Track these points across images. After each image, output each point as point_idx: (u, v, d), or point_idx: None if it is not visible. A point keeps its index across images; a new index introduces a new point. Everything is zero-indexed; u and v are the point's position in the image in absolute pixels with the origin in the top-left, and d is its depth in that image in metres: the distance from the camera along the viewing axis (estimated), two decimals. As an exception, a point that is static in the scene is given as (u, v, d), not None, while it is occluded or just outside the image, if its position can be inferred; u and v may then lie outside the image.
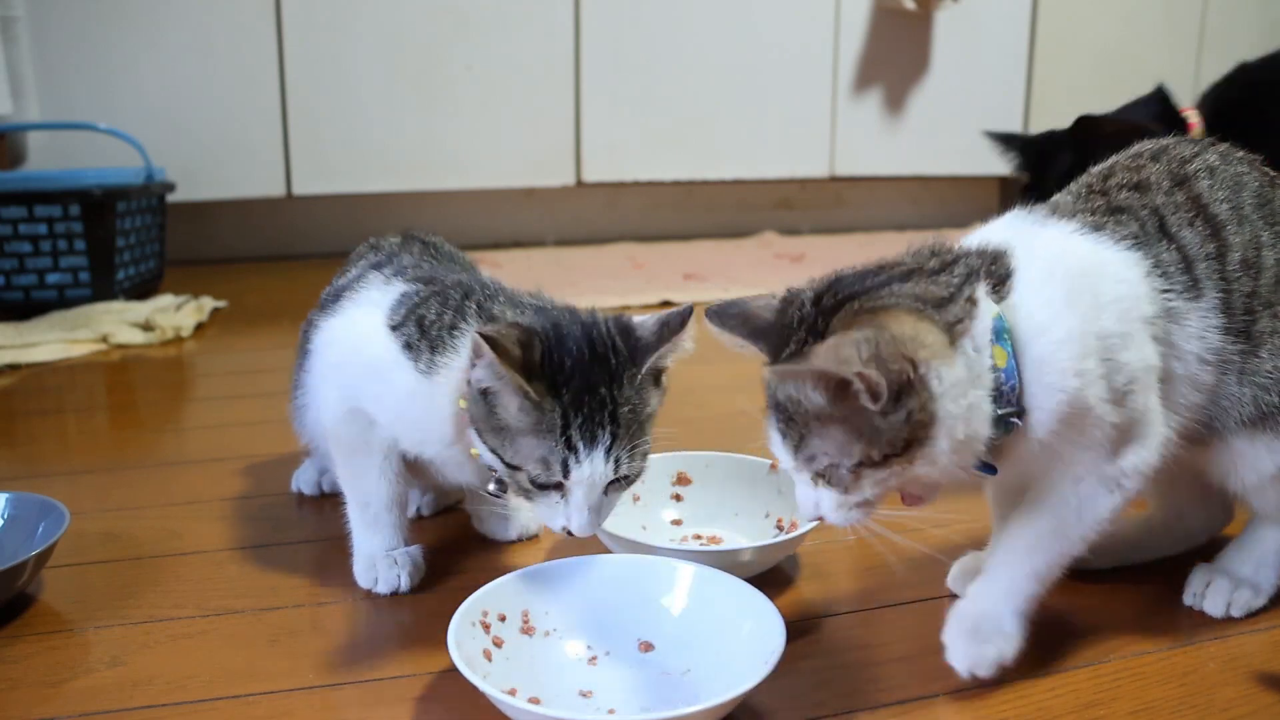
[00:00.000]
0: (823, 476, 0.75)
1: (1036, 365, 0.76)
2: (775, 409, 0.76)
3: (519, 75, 2.97)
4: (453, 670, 0.74)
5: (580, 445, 0.83)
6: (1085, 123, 1.47)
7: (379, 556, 0.99)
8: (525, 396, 0.82)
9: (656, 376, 0.90)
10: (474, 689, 0.73)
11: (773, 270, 2.75)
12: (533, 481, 0.85)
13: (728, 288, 2.49)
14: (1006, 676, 0.83)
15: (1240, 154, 0.90)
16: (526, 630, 0.85)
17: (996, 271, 0.78)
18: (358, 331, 0.97)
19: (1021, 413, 0.76)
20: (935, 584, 0.99)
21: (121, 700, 0.80)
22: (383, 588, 0.97)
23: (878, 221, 3.49)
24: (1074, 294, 0.77)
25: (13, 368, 1.83)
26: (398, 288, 0.99)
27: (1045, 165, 1.50)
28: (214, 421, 1.57)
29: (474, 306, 0.93)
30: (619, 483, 0.86)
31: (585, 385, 0.83)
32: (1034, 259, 0.79)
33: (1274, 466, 0.86)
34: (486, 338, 0.81)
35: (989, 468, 0.79)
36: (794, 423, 0.74)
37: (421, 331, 0.93)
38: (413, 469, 1.01)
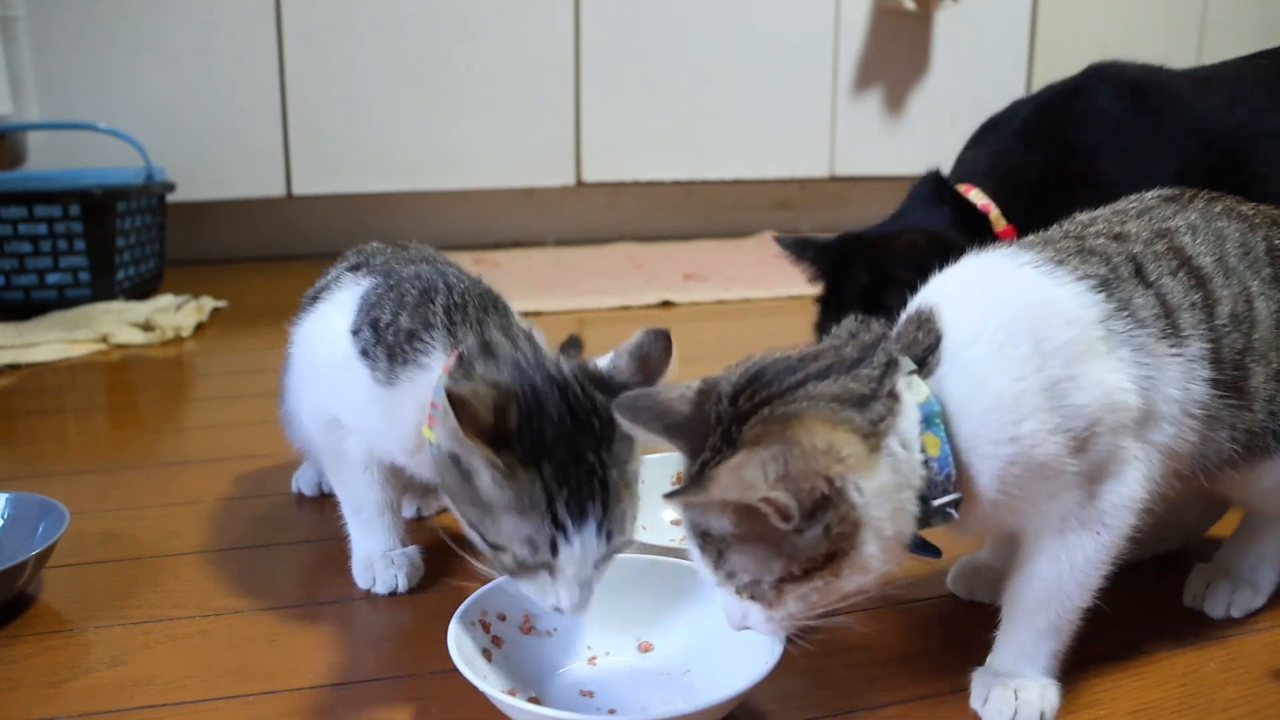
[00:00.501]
0: (745, 592, 0.70)
1: (970, 441, 0.71)
2: (687, 526, 0.71)
3: (519, 75, 2.97)
4: (453, 670, 0.74)
5: (569, 521, 0.75)
6: (883, 240, 1.37)
7: (376, 557, 0.99)
8: (495, 468, 0.75)
9: None
10: (474, 689, 0.73)
11: (772, 270, 2.74)
12: (519, 563, 0.77)
13: (728, 288, 2.49)
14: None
15: (1219, 206, 0.87)
16: (527, 630, 0.85)
17: (923, 342, 0.74)
18: (324, 338, 0.95)
19: (958, 502, 0.72)
20: (935, 584, 0.99)
21: (121, 700, 0.80)
22: (380, 588, 0.97)
23: (878, 221, 3.48)
24: (1008, 346, 0.72)
25: (13, 368, 1.83)
26: (363, 285, 0.96)
27: (842, 275, 1.40)
28: (214, 421, 1.57)
29: (440, 313, 0.88)
30: (609, 555, 0.79)
31: (570, 454, 0.76)
32: (965, 315, 0.74)
33: (1274, 482, 0.85)
34: (454, 400, 0.72)
35: (930, 549, 0.76)
36: (710, 539, 0.70)
37: (377, 335, 0.89)
38: (400, 472, 1.00)
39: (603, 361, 0.83)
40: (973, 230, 1.35)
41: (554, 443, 0.76)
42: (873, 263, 1.34)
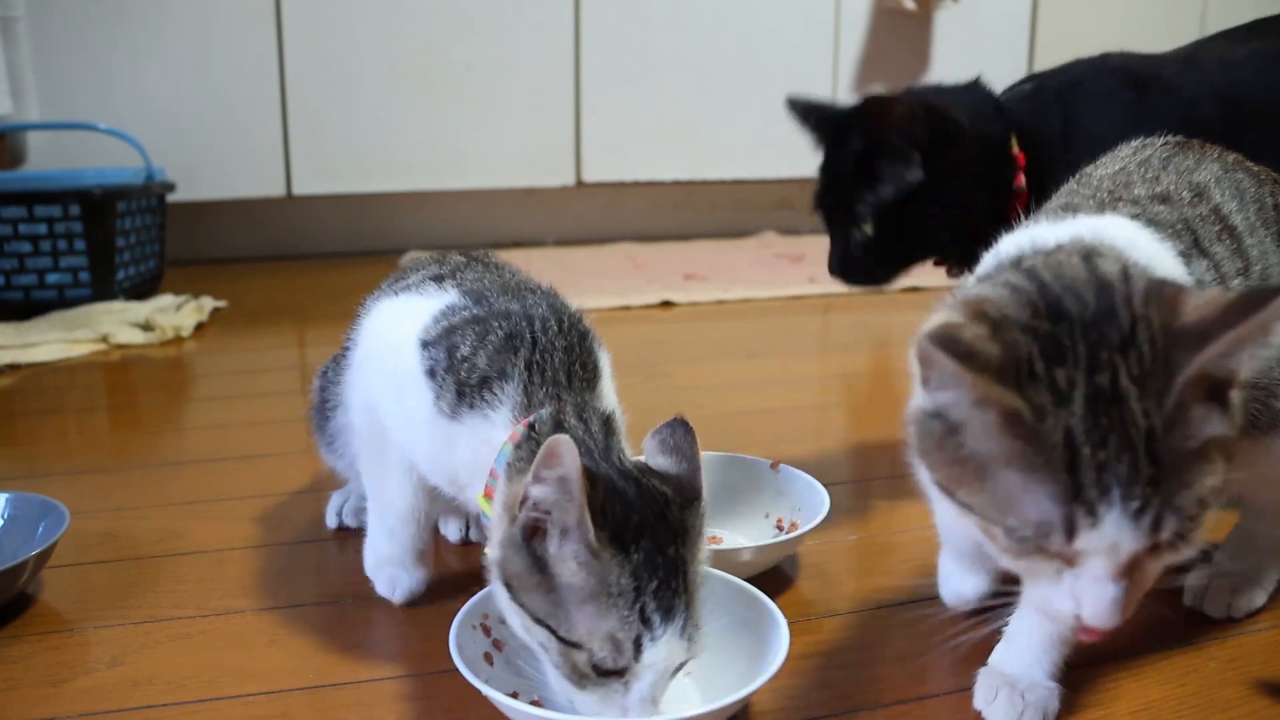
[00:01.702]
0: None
1: None
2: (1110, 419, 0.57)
3: (519, 75, 2.97)
4: (452, 670, 0.74)
5: (656, 618, 0.67)
6: (881, 106, 1.29)
7: (384, 561, 0.95)
8: (585, 542, 0.67)
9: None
10: (473, 690, 0.73)
11: (773, 270, 2.75)
12: (595, 666, 0.68)
13: (728, 288, 2.49)
14: (1006, 676, 0.83)
15: (1231, 158, 0.86)
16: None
17: None
18: (395, 336, 0.88)
19: None
20: (935, 584, 0.99)
21: (121, 700, 0.80)
22: (380, 589, 0.95)
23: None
24: None
25: (13, 368, 1.83)
26: (448, 296, 0.89)
27: (841, 141, 1.35)
28: (214, 421, 1.57)
29: (520, 367, 0.81)
30: (684, 665, 0.71)
31: (655, 544, 0.69)
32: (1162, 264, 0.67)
33: (1269, 465, 0.84)
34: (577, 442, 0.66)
35: None
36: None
37: (450, 364, 0.82)
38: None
39: (646, 461, 0.77)
40: (991, 142, 1.31)
41: (639, 529, 0.69)
42: (869, 129, 1.30)
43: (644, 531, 0.69)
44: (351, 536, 1.09)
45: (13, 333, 1.98)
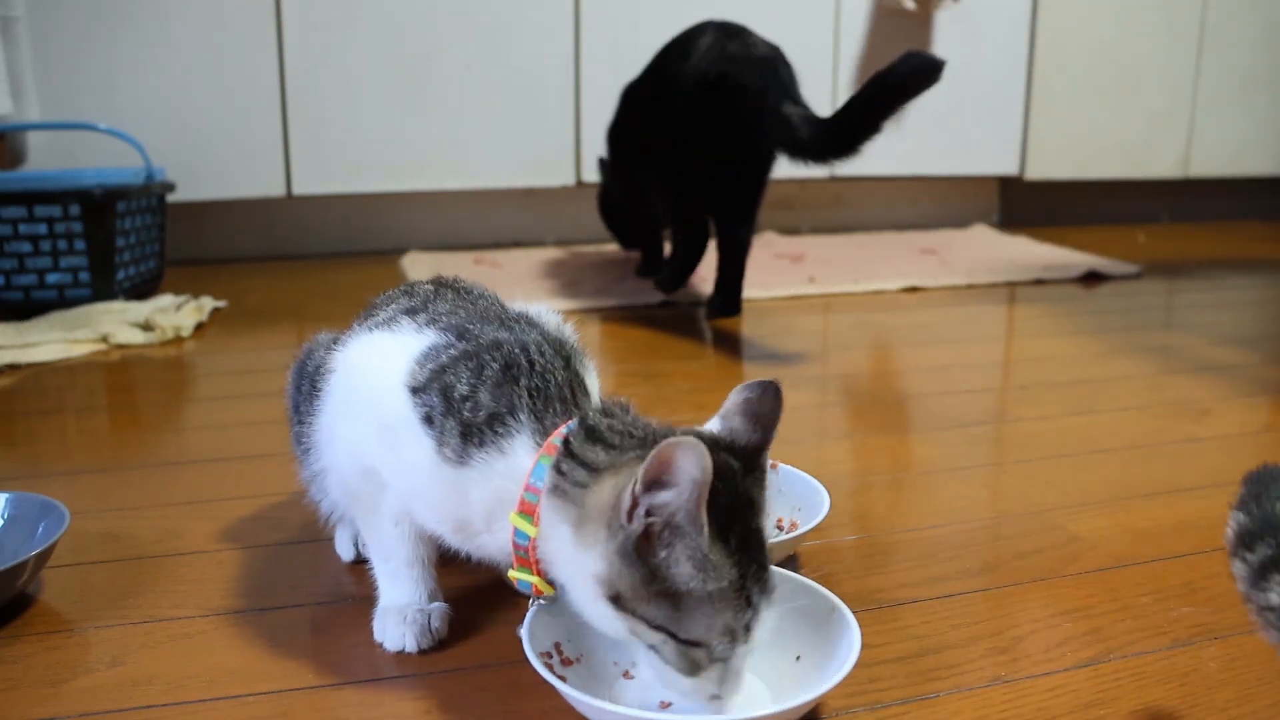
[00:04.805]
0: None
1: None
2: None
3: (519, 75, 2.97)
4: (454, 670, 0.74)
5: (759, 601, 0.69)
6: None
7: (391, 611, 0.90)
8: (699, 545, 0.66)
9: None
10: (473, 690, 0.72)
11: (773, 270, 2.74)
12: (712, 658, 0.69)
13: (728, 288, 2.48)
14: (1006, 676, 0.83)
15: None
16: (565, 662, 0.80)
17: None
18: (375, 382, 0.83)
19: None
20: (936, 583, 1.00)
21: (121, 700, 0.81)
22: (389, 646, 0.88)
23: (878, 221, 3.49)
24: None
25: (13, 368, 1.83)
26: (428, 337, 0.84)
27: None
28: (214, 421, 1.57)
29: (524, 395, 0.78)
30: None
31: (744, 524, 0.69)
32: None
33: None
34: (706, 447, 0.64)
35: None
36: None
37: (448, 407, 0.78)
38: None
39: (712, 425, 0.77)
40: None
41: (728, 512, 0.68)
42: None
43: (734, 515, 0.69)
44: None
45: (13, 333, 1.98)
